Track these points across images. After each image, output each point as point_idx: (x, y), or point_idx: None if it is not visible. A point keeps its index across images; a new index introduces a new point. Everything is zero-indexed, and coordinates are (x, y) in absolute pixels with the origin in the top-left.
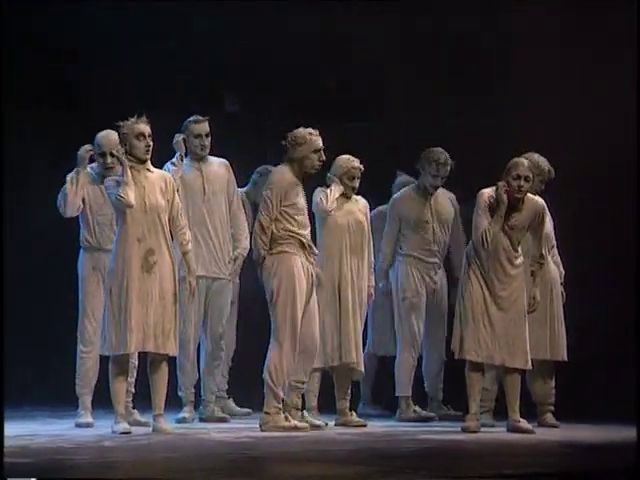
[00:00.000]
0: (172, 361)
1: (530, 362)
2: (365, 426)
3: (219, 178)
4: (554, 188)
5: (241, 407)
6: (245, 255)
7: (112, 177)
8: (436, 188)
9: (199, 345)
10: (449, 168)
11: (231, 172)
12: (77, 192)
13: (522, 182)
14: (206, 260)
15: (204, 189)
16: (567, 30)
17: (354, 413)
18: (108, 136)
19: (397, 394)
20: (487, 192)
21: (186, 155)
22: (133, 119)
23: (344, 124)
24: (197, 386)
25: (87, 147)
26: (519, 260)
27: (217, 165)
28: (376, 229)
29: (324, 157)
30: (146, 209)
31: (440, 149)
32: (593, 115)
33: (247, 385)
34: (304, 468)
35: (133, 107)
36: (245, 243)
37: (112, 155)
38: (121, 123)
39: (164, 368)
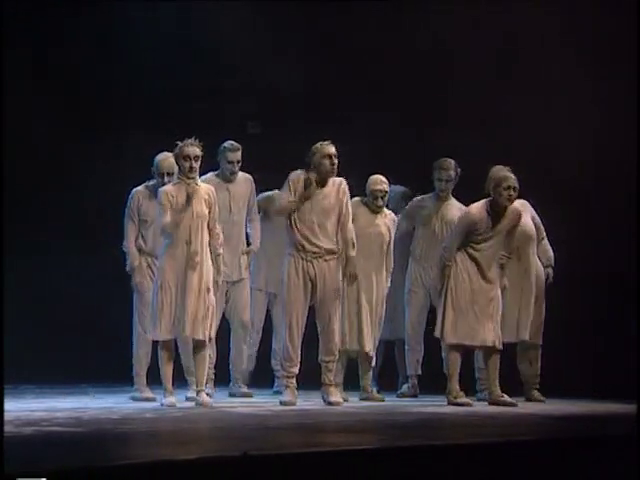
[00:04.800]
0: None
1: (501, 343)
2: (383, 401)
3: (243, 196)
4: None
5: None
6: (255, 251)
7: (166, 188)
8: (443, 192)
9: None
10: (452, 173)
11: (253, 187)
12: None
13: (512, 192)
14: (227, 265)
15: (230, 207)
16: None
17: (374, 389)
18: (167, 159)
19: (408, 373)
20: (475, 212)
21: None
22: (189, 141)
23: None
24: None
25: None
26: (497, 258)
27: (243, 183)
28: None
29: (335, 162)
30: (193, 217)
31: (446, 158)
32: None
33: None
34: (314, 436)
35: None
36: (257, 243)
37: (169, 175)
38: (178, 143)
39: (204, 351)
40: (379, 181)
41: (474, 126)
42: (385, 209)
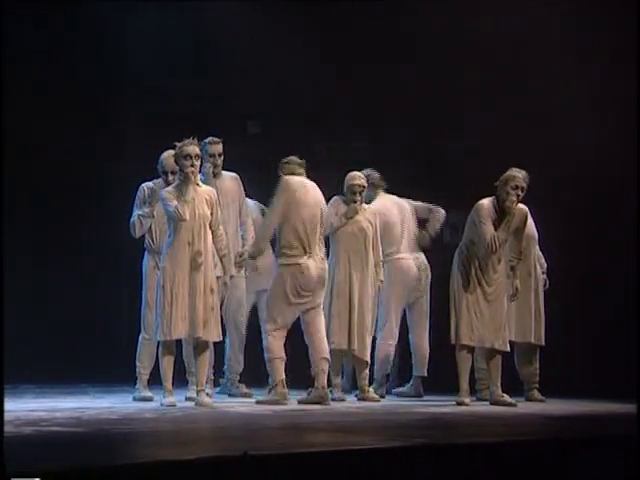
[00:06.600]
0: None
1: (508, 345)
2: (379, 401)
3: (231, 192)
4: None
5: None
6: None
7: (167, 189)
8: None
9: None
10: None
11: (241, 184)
12: (146, 226)
13: (519, 192)
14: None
15: (219, 203)
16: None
17: (371, 390)
18: (171, 157)
19: (415, 374)
20: (486, 203)
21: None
22: (188, 140)
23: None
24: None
25: (160, 182)
26: (503, 259)
27: (229, 179)
28: None
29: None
30: (195, 217)
31: None
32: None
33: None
34: (314, 436)
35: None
36: (251, 242)
37: (173, 173)
38: (176, 144)
39: (206, 351)
40: (357, 177)
41: (473, 127)
42: (364, 204)
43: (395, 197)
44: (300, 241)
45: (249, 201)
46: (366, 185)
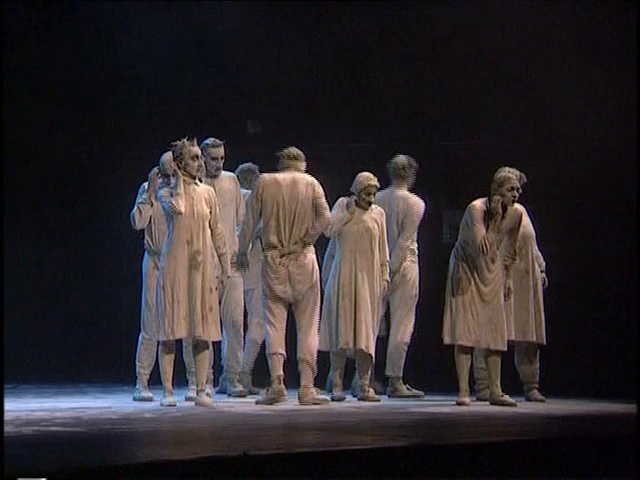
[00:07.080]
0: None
1: (506, 345)
2: (379, 401)
3: (229, 192)
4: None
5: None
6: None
7: (166, 188)
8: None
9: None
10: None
11: (238, 184)
12: (146, 214)
13: (515, 192)
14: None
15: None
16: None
17: (371, 390)
18: (172, 159)
19: (388, 374)
20: (478, 204)
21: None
22: (188, 141)
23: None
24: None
25: (156, 170)
26: (497, 259)
27: (226, 179)
28: None
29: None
30: (194, 216)
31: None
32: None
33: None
34: (313, 436)
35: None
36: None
37: (174, 176)
38: (178, 143)
39: (206, 351)
40: (371, 177)
41: (474, 126)
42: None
43: None
44: (274, 237)
45: (244, 191)
46: (378, 185)
